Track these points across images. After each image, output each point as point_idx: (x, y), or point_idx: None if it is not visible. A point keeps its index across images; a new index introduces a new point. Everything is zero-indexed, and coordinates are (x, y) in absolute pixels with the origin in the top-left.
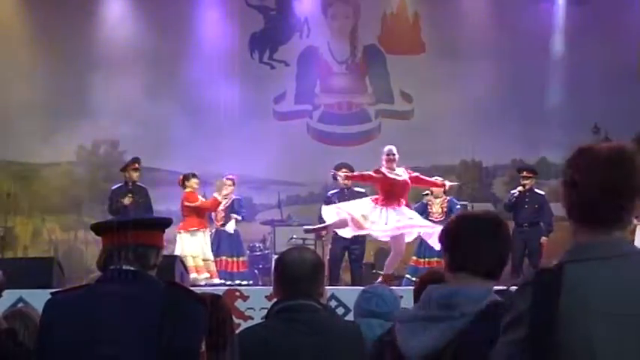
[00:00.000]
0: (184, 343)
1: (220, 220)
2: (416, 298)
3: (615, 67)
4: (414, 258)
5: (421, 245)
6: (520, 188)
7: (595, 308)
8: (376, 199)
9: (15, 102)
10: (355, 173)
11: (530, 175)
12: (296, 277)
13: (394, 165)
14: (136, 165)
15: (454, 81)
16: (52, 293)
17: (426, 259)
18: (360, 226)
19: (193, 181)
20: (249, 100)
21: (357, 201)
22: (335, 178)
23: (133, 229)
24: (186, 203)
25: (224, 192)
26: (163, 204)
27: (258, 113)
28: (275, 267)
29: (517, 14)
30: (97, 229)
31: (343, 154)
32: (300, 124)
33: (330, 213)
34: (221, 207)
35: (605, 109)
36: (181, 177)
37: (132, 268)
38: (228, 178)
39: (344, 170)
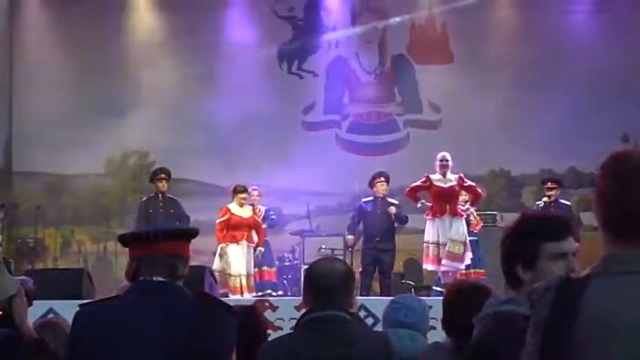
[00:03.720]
0: (214, 353)
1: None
2: (445, 309)
3: None
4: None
5: None
6: (545, 199)
7: (619, 324)
8: (428, 213)
9: (45, 113)
10: (411, 187)
11: (555, 186)
12: (326, 287)
13: (447, 171)
14: (162, 175)
15: (482, 90)
16: (81, 305)
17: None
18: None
19: (239, 196)
20: (278, 110)
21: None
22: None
23: (162, 240)
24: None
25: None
26: (192, 215)
27: (287, 124)
28: (305, 277)
29: (543, 24)
30: (124, 240)
31: (372, 164)
32: (329, 134)
33: None
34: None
35: (635, 118)
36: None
37: (161, 279)
38: (253, 189)
39: (381, 180)
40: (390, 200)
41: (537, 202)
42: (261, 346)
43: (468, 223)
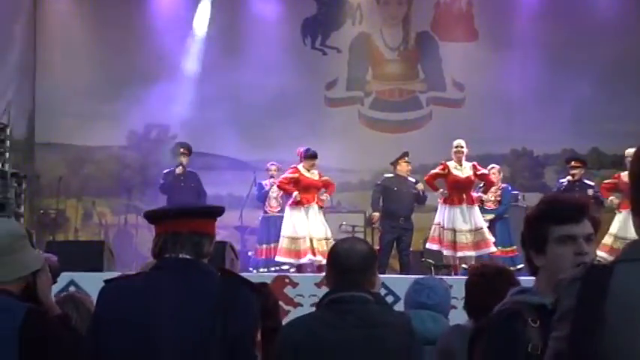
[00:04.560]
0: (240, 331)
1: (277, 206)
2: (467, 291)
3: None
4: None
5: None
6: (569, 178)
7: None
8: (445, 200)
9: (67, 85)
10: (430, 175)
11: (579, 165)
12: (348, 267)
13: (463, 158)
14: (182, 150)
15: (506, 69)
16: (106, 281)
17: None
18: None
19: (309, 162)
20: (300, 85)
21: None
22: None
23: (187, 218)
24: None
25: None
26: (214, 188)
27: (310, 99)
28: (327, 257)
29: (569, 2)
30: (150, 216)
31: (394, 141)
32: (352, 110)
33: None
34: (274, 194)
35: None
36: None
37: (187, 257)
38: (271, 164)
39: (406, 159)
40: (411, 179)
41: (561, 180)
42: (281, 327)
43: (482, 201)
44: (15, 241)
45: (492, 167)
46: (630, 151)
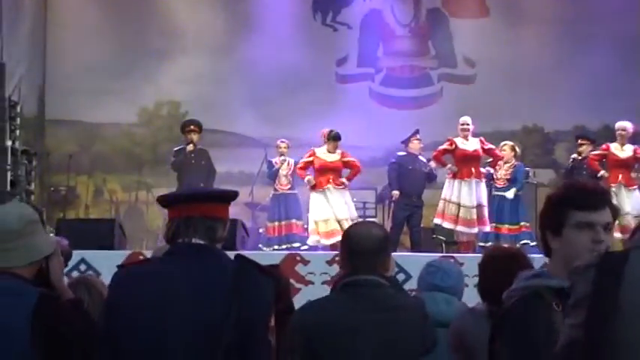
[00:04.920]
0: (254, 316)
1: (286, 184)
2: (480, 274)
3: None
4: None
5: (490, 211)
6: (575, 155)
7: None
8: (453, 175)
9: (78, 62)
10: (438, 151)
11: (585, 142)
12: (362, 251)
13: (469, 135)
14: (192, 127)
15: (517, 46)
16: (119, 266)
17: (494, 225)
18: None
19: (332, 143)
20: (311, 62)
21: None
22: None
23: (200, 202)
24: None
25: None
26: (225, 165)
27: (320, 76)
28: (342, 241)
29: None
30: (163, 201)
31: (405, 118)
32: (362, 87)
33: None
34: (284, 171)
35: None
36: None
37: (201, 242)
38: (281, 141)
39: (418, 137)
40: (422, 158)
41: (572, 155)
42: (295, 311)
43: (493, 178)
44: (27, 225)
45: (505, 144)
46: (621, 124)
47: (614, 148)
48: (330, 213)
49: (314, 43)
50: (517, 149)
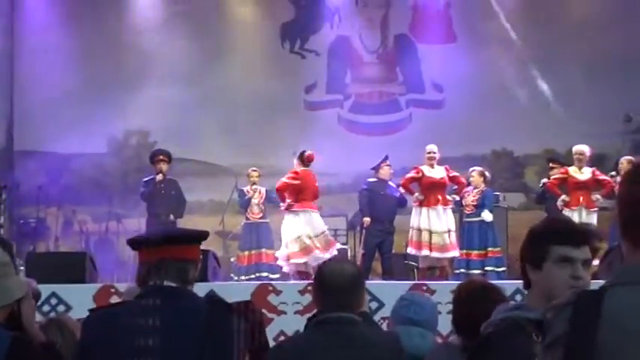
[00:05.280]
0: (227, 358)
1: (258, 213)
2: (455, 308)
3: None
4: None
5: (461, 237)
6: (545, 180)
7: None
8: (419, 202)
9: (46, 93)
10: (405, 179)
11: (556, 165)
12: (335, 289)
13: (434, 163)
14: (161, 157)
15: (485, 70)
16: (90, 310)
17: (465, 251)
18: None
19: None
20: (280, 90)
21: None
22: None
23: (172, 244)
24: None
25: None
26: (195, 194)
27: (290, 103)
28: (314, 278)
29: (547, 3)
30: (134, 244)
31: (374, 144)
32: (331, 113)
33: None
34: (256, 200)
35: (638, 98)
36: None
37: (173, 284)
38: (253, 170)
39: (388, 163)
40: (391, 184)
41: (543, 180)
42: (269, 349)
43: (462, 204)
44: None
45: (474, 169)
46: (579, 147)
47: (573, 171)
48: (304, 231)
49: (283, 70)
50: (486, 175)
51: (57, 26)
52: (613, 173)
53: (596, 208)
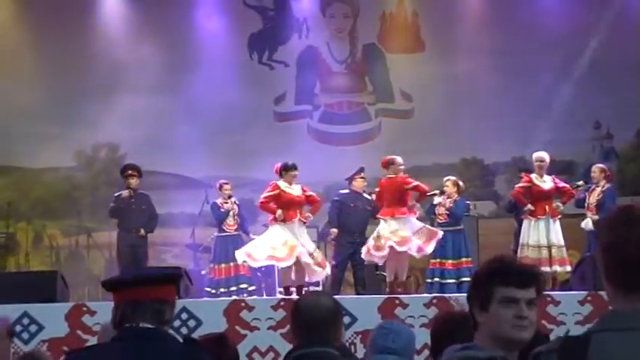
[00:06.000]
0: None
1: (233, 224)
2: (433, 338)
3: (615, 62)
4: (432, 260)
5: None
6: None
7: None
8: (383, 212)
9: (14, 107)
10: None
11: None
12: (312, 323)
13: (401, 174)
14: (130, 172)
15: (454, 78)
16: (67, 353)
17: (439, 260)
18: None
19: (290, 174)
20: (248, 101)
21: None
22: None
23: (147, 285)
24: None
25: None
26: (165, 208)
27: (259, 114)
28: (292, 312)
29: (515, 10)
30: (109, 285)
31: (344, 154)
32: (301, 124)
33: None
34: (231, 213)
35: (607, 105)
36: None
37: (148, 326)
38: (225, 183)
39: (362, 175)
40: (366, 196)
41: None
42: None
43: (435, 214)
44: None
45: (448, 179)
46: (540, 154)
47: (536, 179)
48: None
49: (252, 81)
50: (460, 184)
51: (23, 40)
52: (580, 183)
53: (559, 216)
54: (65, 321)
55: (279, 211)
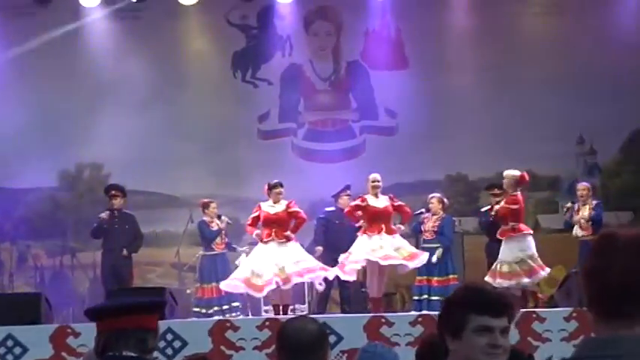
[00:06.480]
0: None
1: (221, 243)
2: None
3: (599, 76)
4: (418, 277)
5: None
6: (487, 207)
7: None
8: (364, 230)
9: None
10: (350, 207)
11: (497, 192)
12: (298, 348)
13: (378, 192)
14: (114, 192)
15: (437, 95)
16: None
17: (425, 277)
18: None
19: (274, 191)
20: (233, 119)
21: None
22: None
23: (130, 314)
24: None
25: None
26: (149, 227)
27: (243, 133)
28: (277, 337)
29: (497, 27)
30: (92, 314)
31: (329, 172)
32: (285, 142)
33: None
34: (215, 229)
35: (590, 120)
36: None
37: (131, 354)
38: (210, 201)
39: (348, 193)
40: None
41: (482, 209)
42: None
43: (421, 230)
44: None
45: (433, 196)
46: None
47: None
48: (266, 265)
49: (236, 100)
50: (445, 201)
51: (6, 60)
52: (569, 205)
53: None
54: (50, 343)
55: (256, 231)
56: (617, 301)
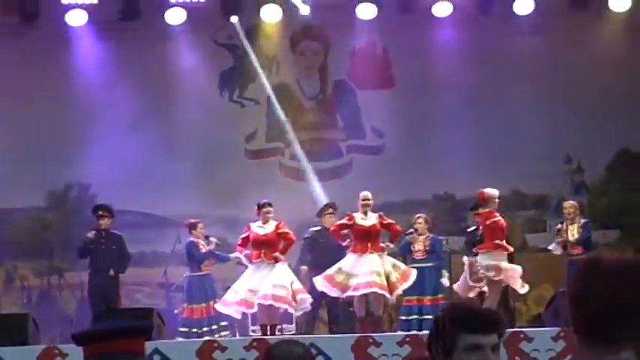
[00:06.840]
0: None
1: (209, 266)
2: None
3: (586, 95)
4: (407, 297)
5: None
6: (473, 228)
7: None
8: (351, 249)
9: None
10: (336, 226)
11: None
12: None
13: (368, 210)
14: (101, 212)
15: (424, 114)
16: None
17: (416, 297)
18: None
19: (263, 210)
20: (220, 139)
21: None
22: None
23: (116, 338)
24: None
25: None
26: (136, 247)
27: (230, 152)
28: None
29: (484, 46)
30: (78, 339)
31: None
32: (272, 162)
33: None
34: (205, 250)
35: (577, 139)
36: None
37: None
38: (197, 222)
39: (331, 211)
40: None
41: (468, 229)
42: None
43: (411, 251)
44: None
45: (419, 216)
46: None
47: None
48: (250, 285)
49: (223, 119)
50: (428, 220)
51: None
52: (560, 226)
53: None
54: None
55: (246, 251)
56: (602, 327)
